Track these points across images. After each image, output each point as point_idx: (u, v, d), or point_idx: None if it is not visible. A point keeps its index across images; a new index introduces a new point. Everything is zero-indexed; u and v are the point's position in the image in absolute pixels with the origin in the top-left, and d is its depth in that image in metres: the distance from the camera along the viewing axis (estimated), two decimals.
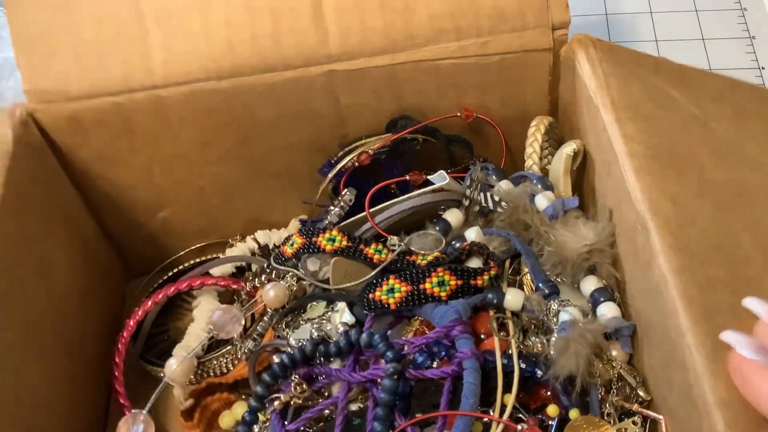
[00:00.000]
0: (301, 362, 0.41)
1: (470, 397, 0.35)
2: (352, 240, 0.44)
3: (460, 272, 0.41)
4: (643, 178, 0.37)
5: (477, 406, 0.35)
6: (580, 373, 0.36)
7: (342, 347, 0.40)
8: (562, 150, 0.46)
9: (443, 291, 0.40)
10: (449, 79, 0.49)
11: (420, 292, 0.40)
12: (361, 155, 0.50)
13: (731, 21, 0.76)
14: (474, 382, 0.35)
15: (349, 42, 0.47)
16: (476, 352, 0.37)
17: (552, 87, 0.50)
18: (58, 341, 0.47)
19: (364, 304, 0.41)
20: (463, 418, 0.34)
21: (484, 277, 0.41)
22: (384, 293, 0.41)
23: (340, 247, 0.44)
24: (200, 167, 0.53)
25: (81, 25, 0.47)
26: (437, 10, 0.46)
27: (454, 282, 0.40)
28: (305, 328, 0.44)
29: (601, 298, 0.41)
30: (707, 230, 0.35)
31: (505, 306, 0.40)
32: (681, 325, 0.32)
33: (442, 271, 0.40)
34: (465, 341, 0.38)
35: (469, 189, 0.46)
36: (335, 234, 0.44)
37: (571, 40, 0.46)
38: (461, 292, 0.41)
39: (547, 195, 0.45)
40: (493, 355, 0.38)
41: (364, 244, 0.44)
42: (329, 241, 0.44)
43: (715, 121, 0.42)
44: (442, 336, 0.39)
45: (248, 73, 0.47)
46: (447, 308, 0.40)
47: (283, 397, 0.40)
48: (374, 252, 0.44)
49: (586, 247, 0.41)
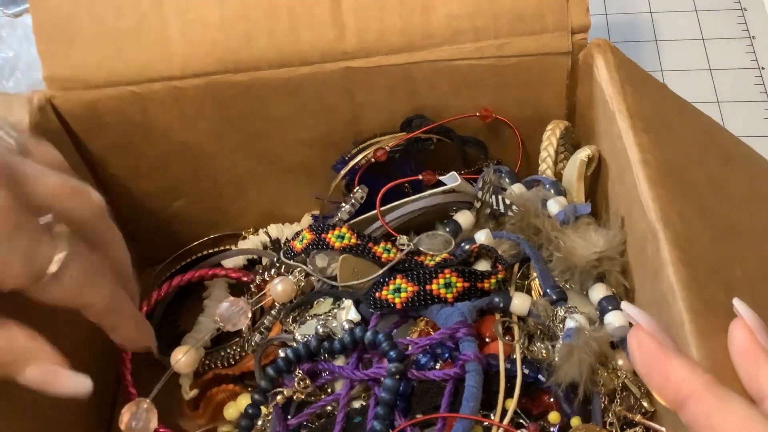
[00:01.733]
0: (305, 358, 0.41)
1: (471, 400, 0.35)
2: (361, 238, 0.44)
3: (467, 275, 0.41)
4: (655, 188, 0.36)
5: (477, 409, 0.35)
6: (583, 380, 0.36)
7: (346, 344, 0.40)
8: (576, 155, 0.46)
9: (449, 293, 0.40)
10: (465, 80, 0.49)
11: (426, 293, 0.40)
12: (377, 151, 0.50)
13: (731, 21, 0.76)
14: (475, 385, 0.35)
15: (366, 39, 0.47)
16: (479, 355, 0.37)
17: (569, 91, 0.50)
18: (69, 329, 0.48)
19: (370, 302, 0.42)
20: (462, 421, 0.34)
21: (491, 280, 0.41)
22: (390, 292, 0.41)
23: (349, 244, 0.44)
24: (215, 159, 0.53)
25: (102, 14, 0.47)
26: (456, 11, 0.46)
27: (461, 284, 0.40)
28: (311, 323, 0.44)
29: (609, 306, 0.40)
30: (707, 253, 0.35)
31: (511, 310, 0.40)
32: (686, 338, 0.32)
33: (450, 272, 0.40)
34: (469, 344, 0.37)
35: (481, 191, 0.46)
36: (345, 231, 0.44)
37: (590, 45, 0.45)
38: (468, 295, 0.41)
39: (559, 200, 0.45)
40: (497, 359, 0.38)
41: (373, 242, 0.44)
42: (338, 238, 0.44)
43: (707, 156, 0.42)
44: (446, 338, 0.39)
45: (265, 67, 0.47)
46: (452, 310, 0.39)
47: (285, 391, 0.40)
48: (383, 251, 0.44)
49: (595, 254, 0.40)
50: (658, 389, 0.29)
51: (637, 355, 0.30)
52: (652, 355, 0.29)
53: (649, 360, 0.29)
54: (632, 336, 0.30)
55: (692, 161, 0.41)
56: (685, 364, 0.28)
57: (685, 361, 0.28)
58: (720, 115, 0.69)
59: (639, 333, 0.30)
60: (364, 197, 0.48)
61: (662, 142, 0.39)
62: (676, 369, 0.28)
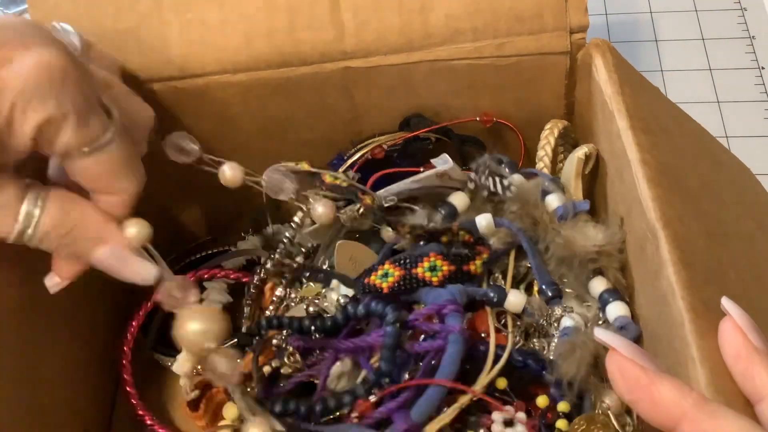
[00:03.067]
0: (296, 330, 0.41)
1: (447, 365, 0.35)
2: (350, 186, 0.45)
3: (452, 257, 0.41)
4: (654, 188, 0.36)
5: (453, 375, 0.35)
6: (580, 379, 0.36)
7: (339, 321, 0.40)
8: (573, 153, 0.46)
9: (435, 276, 0.41)
10: (464, 80, 0.49)
11: (412, 277, 0.41)
12: (375, 149, 0.50)
13: (731, 21, 0.76)
14: (454, 353, 0.35)
15: (365, 39, 0.47)
16: (464, 328, 0.37)
17: (568, 91, 0.50)
18: (69, 328, 0.48)
19: (360, 287, 0.42)
20: (435, 386, 0.34)
21: (476, 262, 0.41)
22: (379, 278, 0.41)
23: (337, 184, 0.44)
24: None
25: (101, 15, 0.47)
26: (455, 11, 0.46)
27: (446, 268, 0.41)
28: (300, 307, 0.44)
29: (610, 299, 0.41)
30: (704, 255, 0.35)
31: (506, 307, 0.41)
32: (686, 337, 0.32)
33: (434, 256, 0.41)
34: (454, 317, 0.38)
35: (475, 173, 0.46)
36: (339, 174, 0.45)
37: (589, 44, 0.45)
38: (454, 279, 0.41)
39: (558, 195, 0.45)
40: (486, 345, 0.38)
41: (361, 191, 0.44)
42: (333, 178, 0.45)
43: (699, 160, 0.43)
44: (434, 314, 0.39)
45: (264, 67, 0.47)
46: (442, 291, 0.40)
47: (273, 363, 0.40)
48: (369, 199, 0.44)
49: (594, 247, 0.40)
50: (648, 415, 0.28)
51: (621, 383, 0.29)
52: (637, 381, 0.28)
53: (634, 387, 0.28)
54: (612, 363, 0.29)
55: (687, 164, 0.41)
56: (672, 385, 0.27)
57: (671, 382, 0.28)
58: (720, 115, 0.69)
59: (619, 359, 0.29)
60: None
61: (659, 143, 0.39)
62: (664, 393, 0.27)
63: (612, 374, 0.29)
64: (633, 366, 0.28)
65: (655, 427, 0.28)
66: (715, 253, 0.36)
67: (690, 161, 0.42)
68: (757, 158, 0.65)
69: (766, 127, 0.68)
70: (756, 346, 0.29)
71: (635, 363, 0.28)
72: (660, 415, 0.27)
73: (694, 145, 0.45)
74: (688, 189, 0.39)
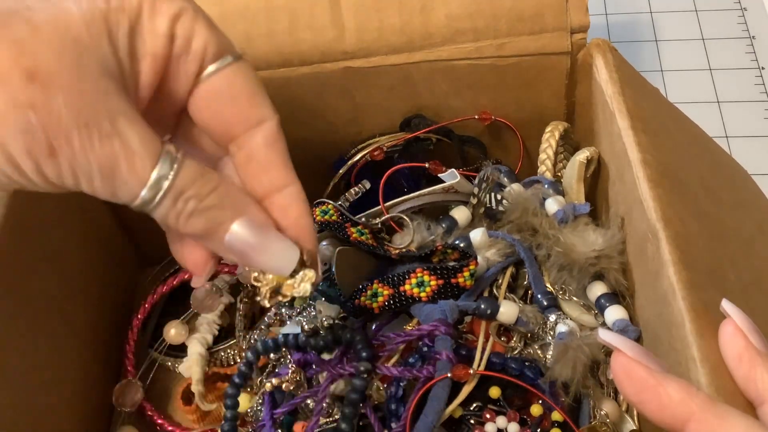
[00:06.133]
0: (293, 347, 0.40)
1: (434, 400, 0.34)
2: (342, 217, 0.44)
3: (439, 271, 0.40)
4: (655, 188, 0.36)
5: (441, 410, 0.35)
6: (576, 381, 0.36)
7: (327, 343, 0.39)
8: (575, 157, 0.46)
9: (423, 292, 0.40)
10: (465, 80, 0.49)
11: (400, 295, 0.40)
12: (374, 150, 0.50)
13: (731, 21, 0.76)
14: (442, 386, 0.35)
15: (365, 39, 0.47)
16: (451, 355, 0.36)
17: (569, 91, 0.50)
18: (68, 327, 0.48)
19: (350, 310, 0.41)
20: (424, 420, 0.34)
21: (464, 274, 0.40)
22: (368, 298, 0.40)
23: (329, 221, 0.44)
24: None
25: None
26: (455, 11, 0.46)
27: (434, 282, 0.40)
28: (294, 321, 0.44)
29: (607, 303, 0.40)
30: (704, 255, 0.35)
31: (498, 319, 0.40)
32: (687, 337, 0.32)
33: (421, 271, 0.40)
34: (442, 341, 0.37)
35: (478, 188, 0.46)
36: (329, 207, 0.44)
37: (589, 45, 0.45)
38: (444, 293, 0.40)
39: (557, 199, 0.45)
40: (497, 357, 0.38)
41: (351, 224, 0.44)
42: (322, 213, 0.44)
43: (699, 161, 0.42)
44: (425, 335, 0.38)
45: (264, 67, 0.47)
46: (434, 308, 0.39)
47: (275, 380, 0.40)
48: (356, 233, 0.43)
49: (594, 252, 0.40)
50: (655, 416, 0.28)
51: (626, 384, 0.28)
52: (643, 383, 0.28)
53: (640, 388, 0.28)
54: (617, 364, 0.28)
55: (686, 165, 0.41)
56: (679, 386, 0.27)
57: (678, 383, 0.27)
58: (720, 115, 0.69)
59: (624, 360, 0.28)
60: (366, 188, 0.48)
61: (660, 143, 0.39)
62: (671, 393, 0.27)
63: (617, 375, 0.29)
64: (639, 367, 0.28)
65: (661, 428, 0.28)
66: (715, 254, 0.36)
67: (690, 162, 0.42)
68: (757, 158, 0.65)
69: (766, 127, 0.68)
70: (757, 349, 0.29)
71: (641, 364, 0.28)
72: (667, 416, 0.27)
73: (693, 145, 0.45)
74: (688, 189, 0.39)
